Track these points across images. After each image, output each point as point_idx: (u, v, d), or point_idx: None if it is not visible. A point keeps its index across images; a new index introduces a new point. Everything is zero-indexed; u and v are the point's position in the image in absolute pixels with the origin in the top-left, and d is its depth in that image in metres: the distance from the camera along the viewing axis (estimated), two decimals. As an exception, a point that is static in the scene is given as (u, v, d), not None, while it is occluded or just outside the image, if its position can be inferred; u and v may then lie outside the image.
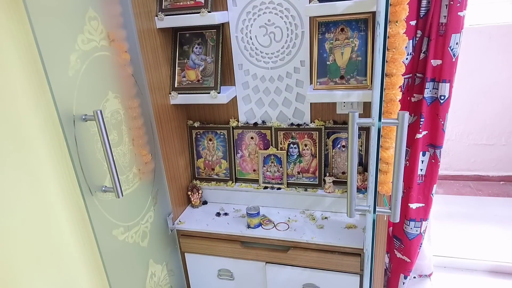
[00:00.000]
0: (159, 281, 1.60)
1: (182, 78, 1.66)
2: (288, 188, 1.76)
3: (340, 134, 1.66)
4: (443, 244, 2.35)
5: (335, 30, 1.45)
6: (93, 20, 1.14)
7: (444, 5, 1.43)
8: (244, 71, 1.69)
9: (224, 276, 1.73)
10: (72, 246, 1.10)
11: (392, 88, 1.16)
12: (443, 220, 2.60)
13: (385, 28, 0.87)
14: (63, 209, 1.06)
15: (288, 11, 1.54)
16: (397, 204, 0.98)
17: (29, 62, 0.94)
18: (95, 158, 1.17)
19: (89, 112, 1.11)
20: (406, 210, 1.73)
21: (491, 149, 3.11)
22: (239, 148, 1.81)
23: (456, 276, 2.16)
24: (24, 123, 0.93)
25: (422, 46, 1.52)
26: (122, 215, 1.32)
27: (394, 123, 0.92)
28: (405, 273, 1.89)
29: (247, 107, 1.75)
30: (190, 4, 1.53)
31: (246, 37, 1.63)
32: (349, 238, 1.52)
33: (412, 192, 1.70)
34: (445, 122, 1.57)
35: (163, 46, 1.60)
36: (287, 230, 1.61)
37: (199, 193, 1.83)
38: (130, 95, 1.36)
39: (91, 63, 1.14)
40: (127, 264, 1.36)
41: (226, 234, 1.64)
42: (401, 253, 1.84)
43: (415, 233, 1.76)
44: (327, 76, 1.47)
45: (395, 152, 0.92)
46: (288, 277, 1.60)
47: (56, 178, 1.03)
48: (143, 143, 1.45)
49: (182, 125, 1.80)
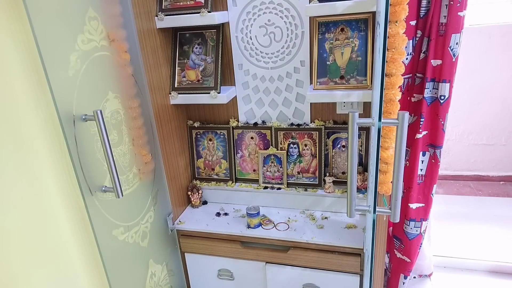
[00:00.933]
0: (159, 281, 1.60)
1: (182, 78, 1.67)
2: (288, 188, 1.76)
3: (340, 134, 1.66)
4: (443, 244, 2.35)
5: (335, 30, 1.45)
6: (93, 20, 1.14)
7: (444, 5, 1.43)
8: (244, 71, 1.69)
9: (224, 276, 1.73)
10: (72, 246, 1.10)
11: (392, 88, 1.16)
12: (443, 220, 2.60)
13: (385, 28, 0.86)
14: (63, 209, 1.06)
15: (288, 11, 1.54)
16: (397, 204, 0.98)
17: (29, 62, 0.94)
18: (95, 158, 1.17)
19: (89, 112, 1.11)
20: (406, 210, 1.73)
21: (491, 149, 3.11)
22: (239, 148, 1.81)
23: (456, 276, 2.16)
24: (24, 123, 0.93)
25: (422, 46, 1.52)
26: (122, 215, 1.32)
27: (394, 123, 0.92)
28: (405, 273, 1.89)
29: (247, 107, 1.75)
30: (190, 4, 1.53)
31: (246, 37, 1.63)
32: (349, 238, 1.52)
33: (412, 192, 1.70)
34: (445, 122, 1.57)
35: (163, 46, 1.60)
36: (287, 230, 1.61)
37: (199, 193, 1.83)
38: (130, 95, 1.36)
39: (91, 63, 1.14)
40: (127, 264, 1.36)
41: (226, 234, 1.64)
42: (401, 253, 1.84)
43: (415, 233, 1.76)
44: (327, 76, 1.47)
45: (395, 152, 0.92)
46: (288, 277, 1.60)
47: (56, 178, 1.03)
48: (143, 143, 1.45)
49: (182, 125, 1.80)
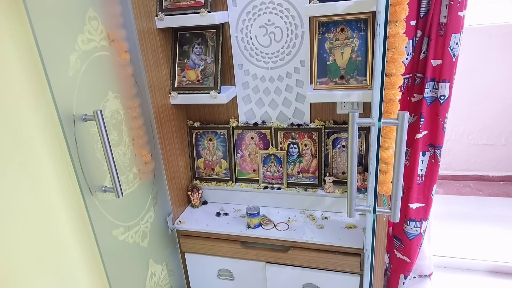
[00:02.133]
0: (159, 281, 1.60)
1: (182, 78, 1.66)
2: (288, 188, 1.76)
3: (340, 134, 1.66)
4: (443, 244, 2.35)
5: (335, 30, 1.45)
6: (93, 20, 1.15)
7: (444, 5, 1.43)
8: (244, 71, 1.69)
9: (224, 276, 1.73)
10: (72, 246, 1.10)
11: (392, 88, 1.16)
12: (443, 220, 2.60)
13: (385, 28, 0.86)
14: (63, 209, 1.06)
15: (288, 11, 1.54)
16: (397, 204, 0.98)
17: (29, 62, 0.94)
18: (95, 158, 1.17)
19: (89, 112, 1.11)
20: (406, 210, 1.73)
21: (491, 149, 3.11)
22: (239, 148, 1.81)
23: (456, 276, 2.16)
24: (24, 123, 0.93)
25: (422, 46, 1.52)
26: (122, 215, 1.32)
27: (394, 123, 0.92)
28: (405, 273, 1.89)
29: (247, 107, 1.75)
30: (190, 4, 1.53)
31: (246, 37, 1.63)
32: (349, 238, 1.52)
33: (412, 192, 1.70)
34: (445, 122, 1.57)
35: (163, 46, 1.60)
36: (287, 230, 1.61)
37: (199, 193, 1.83)
38: (130, 95, 1.36)
39: (91, 63, 1.14)
40: (127, 264, 1.36)
41: (226, 234, 1.64)
42: (401, 253, 1.84)
43: (415, 233, 1.76)
44: (327, 76, 1.47)
45: (395, 152, 0.92)
46: (288, 277, 1.60)
47: (56, 178, 1.03)
48: (143, 143, 1.45)
49: (182, 125, 1.80)
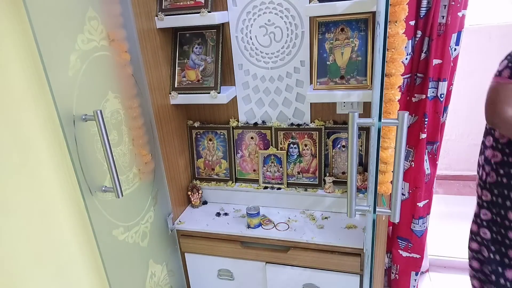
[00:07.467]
0: (159, 281, 1.60)
1: (182, 78, 1.67)
2: (288, 188, 1.76)
3: (340, 134, 1.66)
4: (443, 244, 2.35)
5: (335, 30, 1.45)
6: (93, 20, 1.15)
7: (444, 5, 1.43)
8: (244, 71, 1.69)
9: (224, 276, 1.73)
10: (72, 246, 1.10)
11: (391, 88, 1.16)
12: (443, 220, 2.60)
13: (385, 28, 0.86)
14: (63, 209, 1.06)
15: (288, 11, 1.54)
16: (397, 204, 0.97)
17: (29, 62, 0.94)
18: (95, 158, 1.17)
19: (89, 112, 1.11)
20: (415, 210, 1.74)
21: (491, 149, 3.10)
22: (239, 148, 1.81)
23: (456, 276, 2.15)
24: (24, 123, 0.93)
25: (423, 46, 1.52)
26: (122, 215, 1.32)
27: (394, 123, 0.91)
28: (416, 270, 1.91)
29: (247, 107, 1.75)
30: (190, 4, 1.53)
31: (246, 37, 1.63)
32: (349, 238, 1.52)
33: (420, 192, 1.70)
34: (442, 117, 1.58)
35: (163, 46, 1.60)
36: (287, 230, 1.61)
37: (199, 193, 1.83)
38: (130, 95, 1.36)
39: (91, 63, 1.14)
40: (127, 264, 1.36)
41: (226, 234, 1.64)
42: (409, 252, 1.85)
43: (423, 229, 1.78)
44: (327, 76, 1.47)
45: (395, 152, 0.92)
46: (288, 277, 1.60)
47: (56, 178, 1.03)
48: (143, 143, 1.45)
49: (182, 125, 1.80)
